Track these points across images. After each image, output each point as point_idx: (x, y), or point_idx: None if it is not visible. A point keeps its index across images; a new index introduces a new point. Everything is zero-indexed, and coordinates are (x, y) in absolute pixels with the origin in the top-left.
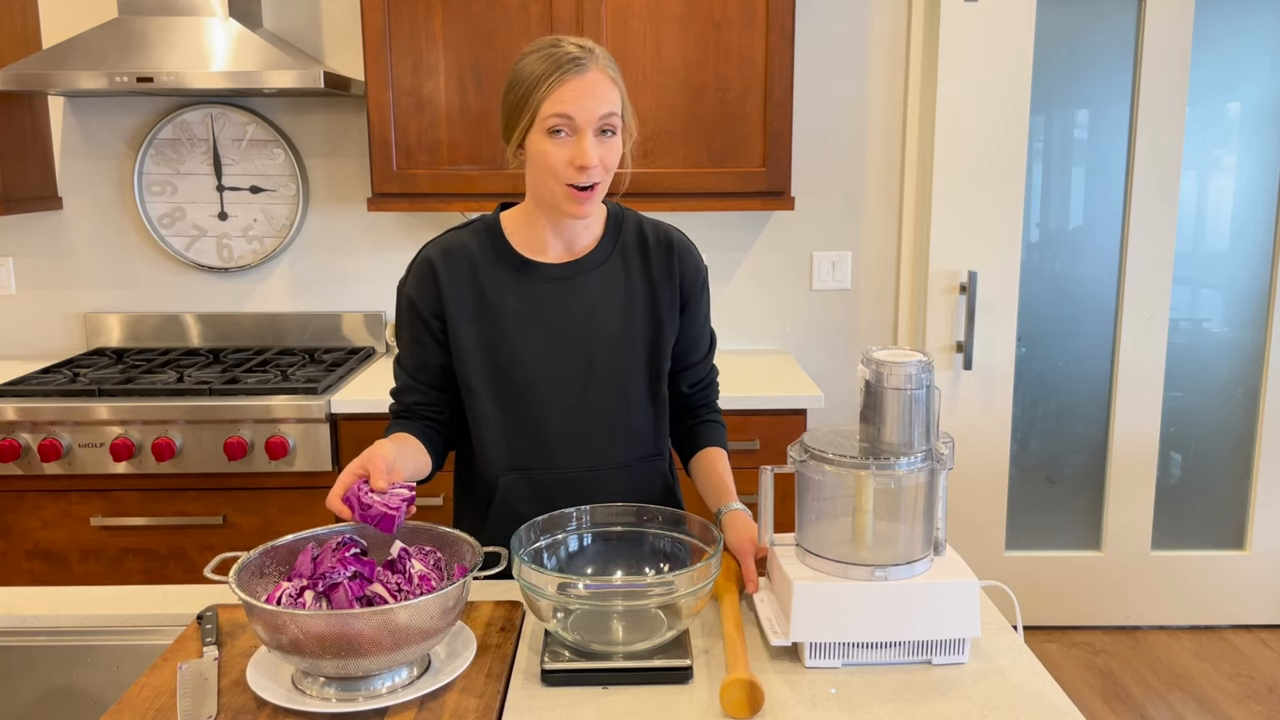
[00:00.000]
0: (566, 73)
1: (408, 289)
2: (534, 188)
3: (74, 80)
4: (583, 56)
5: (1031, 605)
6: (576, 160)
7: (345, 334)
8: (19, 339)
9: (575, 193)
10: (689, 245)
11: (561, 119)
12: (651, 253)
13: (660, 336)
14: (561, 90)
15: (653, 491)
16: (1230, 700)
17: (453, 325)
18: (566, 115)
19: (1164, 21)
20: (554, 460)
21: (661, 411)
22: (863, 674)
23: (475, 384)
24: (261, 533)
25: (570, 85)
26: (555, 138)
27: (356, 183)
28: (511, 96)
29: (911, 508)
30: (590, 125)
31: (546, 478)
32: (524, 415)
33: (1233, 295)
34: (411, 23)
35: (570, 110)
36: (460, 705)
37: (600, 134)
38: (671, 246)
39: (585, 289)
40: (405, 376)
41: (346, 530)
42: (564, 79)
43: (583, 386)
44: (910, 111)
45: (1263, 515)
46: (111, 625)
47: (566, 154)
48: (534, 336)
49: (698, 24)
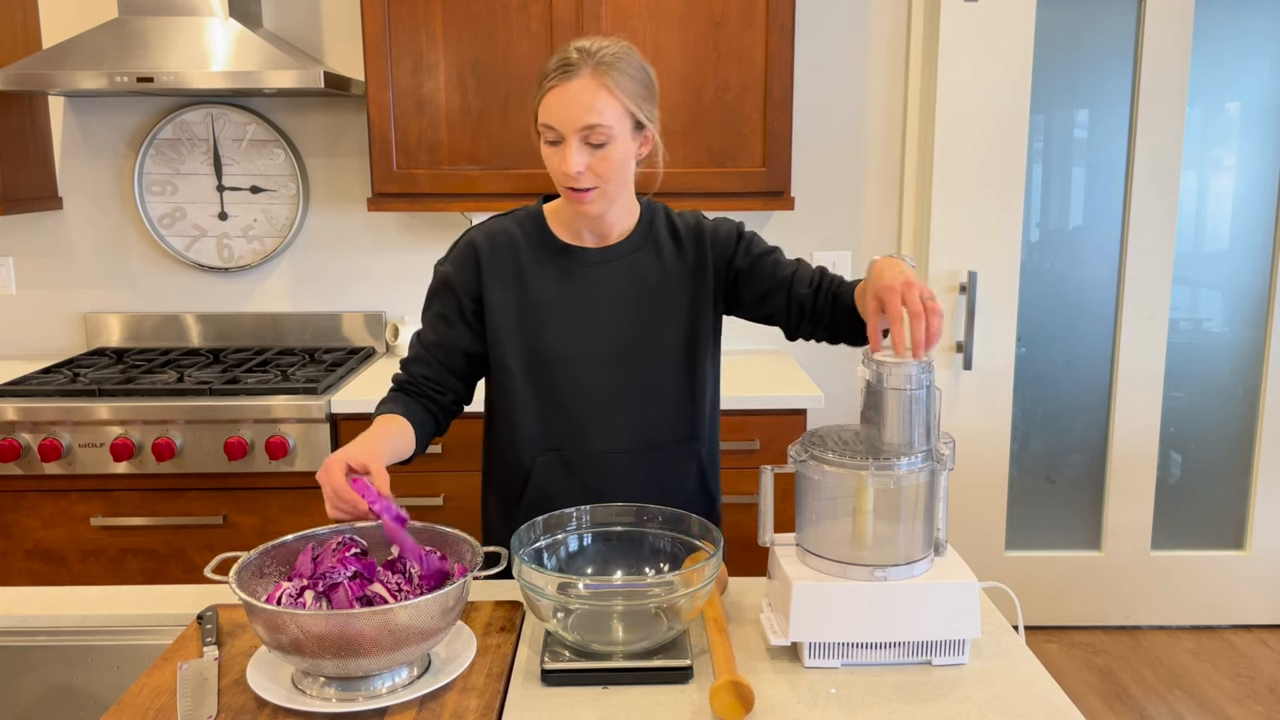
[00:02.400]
0: (553, 81)
1: (446, 267)
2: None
3: (74, 80)
4: (574, 63)
5: (1031, 605)
6: (560, 166)
7: (345, 334)
8: (19, 339)
9: (573, 194)
10: (714, 224)
11: (546, 128)
12: (684, 240)
13: (696, 322)
14: (548, 98)
15: (687, 476)
16: (1230, 700)
17: (490, 307)
18: (549, 125)
19: (1164, 21)
20: (588, 441)
21: (699, 396)
22: (862, 674)
23: (512, 364)
24: (261, 533)
25: (555, 94)
26: (552, 145)
27: (356, 183)
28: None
29: (911, 508)
30: (572, 133)
31: (580, 459)
32: (558, 396)
33: (1233, 295)
34: (411, 22)
35: (553, 120)
36: (460, 705)
37: (585, 143)
38: (701, 234)
39: (621, 274)
40: (420, 348)
41: (346, 530)
42: (549, 87)
43: (616, 369)
44: (910, 111)
45: (1263, 515)
46: (111, 625)
47: (557, 160)
48: (571, 319)
49: (698, 24)
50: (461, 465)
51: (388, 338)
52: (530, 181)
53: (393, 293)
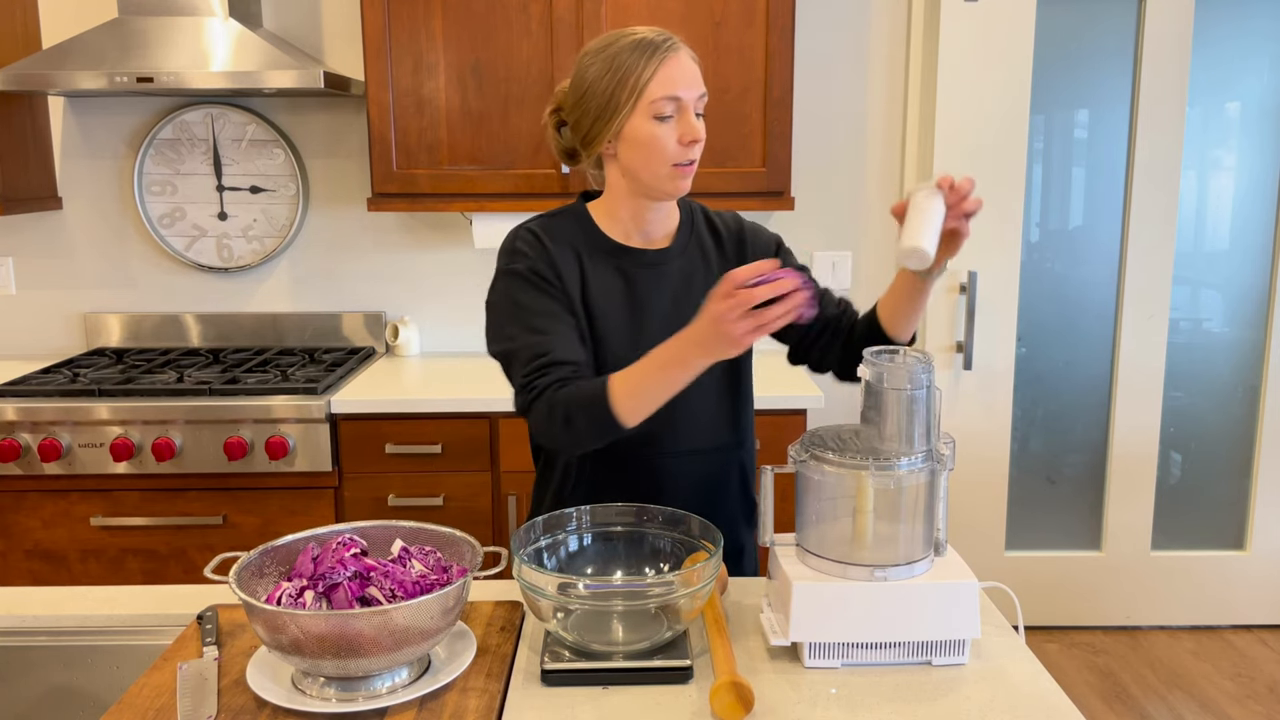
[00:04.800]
0: (667, 54)
1: (520, 264)
2: (634, 173)
3: (74, 80)
4: (673, 39)
5: (1031, 605)
6: (687, 135)
7: (345, 334)
8: (19, 339)
9: (682, 169)
10: (755, 228)
11: (669, 100)
12: (724, 242)
13: None
14: (665, 70)
15: (731, 481)
16: (1230, 700)
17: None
18: (674, 96)
19: (1164, 21)
20: (635, 443)
21: (741, 404)
22: (862, 674)
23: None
24: (261, 533)
25: (672, 64)
26: (661, 120)
27: (356, 183)
28: (602, 89)
29: (912, 508)
30: (693, 101)
31: (630, 461)
32: None
33: (1233, 295)
34: (411, 23)
35: (678, 88)
36: (460, 705)
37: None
38: (742, 237)
39: (671, 276)
40: (554, 350)
41: (346, 530)
42: (666, 60)
43: None
44: (910, 111)
45: (1263, 515)
46: (111, 625)
47: (677, 131)
48: (622, 320)
49: (698, 24)
50: (462, 465)
51: (387, 338)
52: (530, 182)
53: (393, 293)
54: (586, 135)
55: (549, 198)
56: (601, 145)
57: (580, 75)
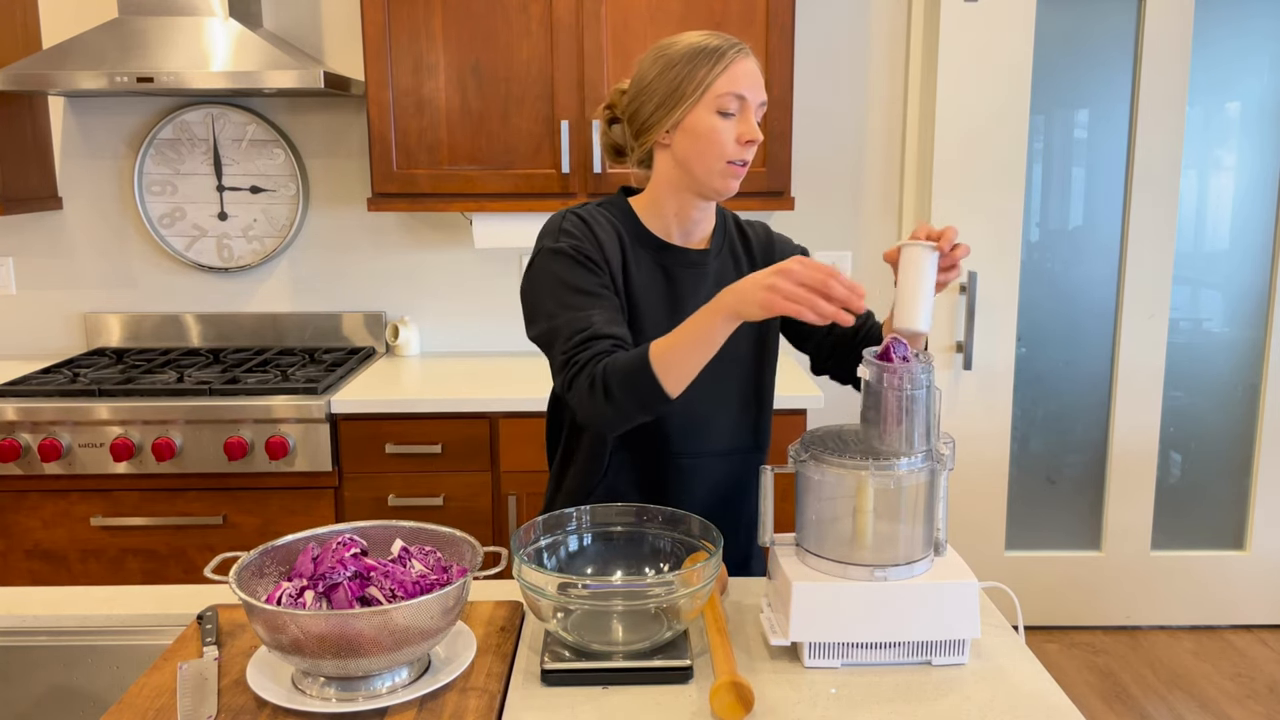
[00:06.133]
0: (738, 55)
1: (565, 242)
2: (688, 165)
3: (74, 80)
4: (745, 46)
5: (1031, 605)
6: (746, 134)
7: (345, 334)
8: (19, 339)
9: (736, 168)
10: (783, 239)
11: (735, 97)
12: (755, 250)
13: (765, 335)
14: (735, 70)
15: (749, 484)
16: (1230, 700)
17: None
18: (740, 94)
19: (1164, 21)
20: (661, 445)
21: (762, 409)
22: (862, 674)
23: None
24: (261, 533)
25: (741, 65)
26: (724, 115)
27: (356, 183)
28: (670, 78)
29: (911, 508)
30: (755, 105)
31: (655, 461)
32: None
33: (1233, 295)
34: (411, 23)
35: (744, 88)
36: (460, 705)
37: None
38: (771, 247)
39: (708, 278)
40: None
41: (346, 530)
42: (737, 60)
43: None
44: (910, 111)
45: (1263, 515)
46: (111, 625)
47: (737, 129)
48: (660, 316)
49: (698, 23)
50: (462, 465)
51: (387, 338)
52: (530, 182)
53: (393, 293)
54: (645, 123)
55: (549, 198)
56: (658, 135)
57: (646, 67)
